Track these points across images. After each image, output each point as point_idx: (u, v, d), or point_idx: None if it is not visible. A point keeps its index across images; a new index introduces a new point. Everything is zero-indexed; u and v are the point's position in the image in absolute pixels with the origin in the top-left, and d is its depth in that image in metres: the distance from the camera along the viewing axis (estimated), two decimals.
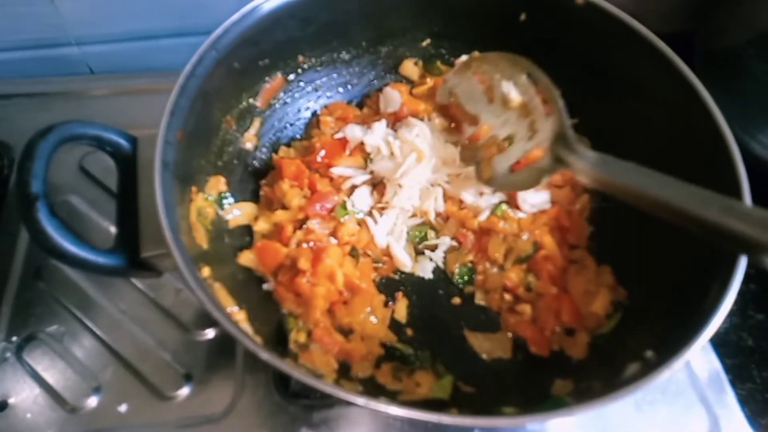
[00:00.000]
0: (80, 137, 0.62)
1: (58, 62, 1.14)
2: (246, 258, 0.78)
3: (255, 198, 0.86)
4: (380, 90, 0.94)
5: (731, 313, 0.58)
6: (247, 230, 0.82)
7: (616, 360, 0.62)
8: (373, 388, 0.71)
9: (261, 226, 0.81)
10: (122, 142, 0.66)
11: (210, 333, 0.83)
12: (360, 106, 0.96)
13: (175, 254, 0.57)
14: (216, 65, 0.72)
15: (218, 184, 0.78)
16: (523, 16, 0.84)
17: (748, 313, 0.89)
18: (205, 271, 0.64)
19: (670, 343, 0.58)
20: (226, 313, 0.57)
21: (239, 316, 0.65)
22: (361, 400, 0.52)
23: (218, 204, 0.78)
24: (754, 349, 0.86)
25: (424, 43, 0.93)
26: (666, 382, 0.80)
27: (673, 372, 0.55)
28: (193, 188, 0.72)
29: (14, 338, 0.81)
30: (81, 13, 1.07)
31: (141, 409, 0.77)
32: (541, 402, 0.62)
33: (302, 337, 0.73)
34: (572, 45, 0.81)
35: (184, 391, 0.78)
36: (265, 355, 0.52)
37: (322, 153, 0.84)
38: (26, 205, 0.55)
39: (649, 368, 0.56)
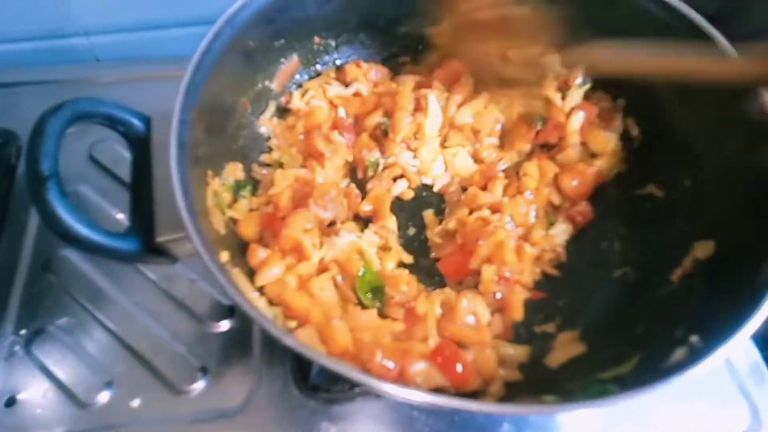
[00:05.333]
0: (92, 115, 0.59)
1: (65, 53, 1.12)
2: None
3: None
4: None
5: None
6: None
7: (660, 347, 0.58)
8: None
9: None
10: (135, 121, 0.63)
11: (225, 325, 0.79)
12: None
13: (193, 237, 0.54)
14: (231, 43, 0.69)
15: (236, 170, 0.75)
16: None
17: None
18: (224, 256, 0.61)
19: (716, 328, 0.55)
20: (247, 297, 0.54)
21: (260, 302, 0.62)
22: (388, 387, 0.49)
23: (235, 190, 0.75)
24: None
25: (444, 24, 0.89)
26: (703, 374, 0.76)
27: (722, 357, 0.52)
28: (209, 172, 0.69)
29: (23, 332, 0.79)
30: (89, 1, 1.04)
31: (154, 403, 0.74)
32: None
33: None
34: (602, 23, 0.77)
35: (199, 385, 0.75)
36: (290, 341, 0.49)
37: None
38: (36, 185, 0.52)
39: (696, 354, 0.53)
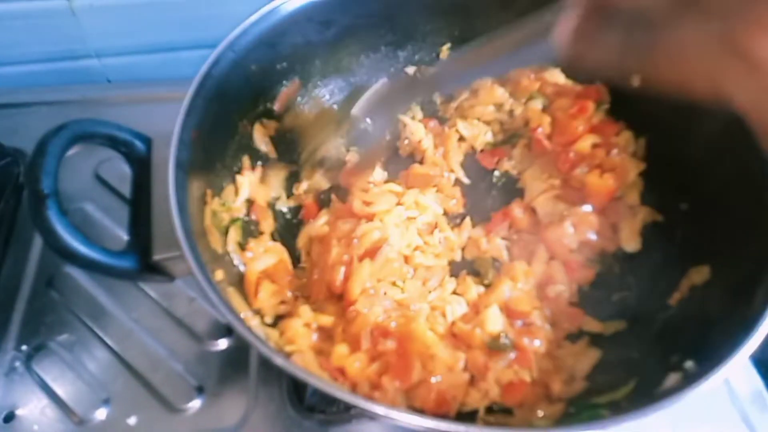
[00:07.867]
0: (93, 136, 0.60)
1: (77, 74, 1.14)
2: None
3: None
4: None
5: None
6: None
7: (655, 372, 0.58)
8: None
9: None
10: (136, 142, 0.64)
11: (223, 344, 0.80)
12: None
13: (187, 256, 0.55)
14: (233, 66, 0.71)
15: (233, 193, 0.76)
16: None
17: None
18: (219, 275, 0.62)
19: (711, 353, 0.54)
20: (238, 316, 0.54)
21: (253, 321, 0.62)
22: (381, 410, 0.49)
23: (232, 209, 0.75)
24: None
25: (444, 48, 0.91)
26: (705, 401, 0.75)
27: (716, 383, 0.51)
28: (208, 191, 0.70)
29: (24, 347, 0.79)
30: (101, 25, 1.07)
31: (151, 421, 0.74)
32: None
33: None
34: None
35: (196, 404, 0.75)
36: (280, 360, 0.50)
37: None
38: (36, 202, 0.53)
39: (690, 379, 0.53)
